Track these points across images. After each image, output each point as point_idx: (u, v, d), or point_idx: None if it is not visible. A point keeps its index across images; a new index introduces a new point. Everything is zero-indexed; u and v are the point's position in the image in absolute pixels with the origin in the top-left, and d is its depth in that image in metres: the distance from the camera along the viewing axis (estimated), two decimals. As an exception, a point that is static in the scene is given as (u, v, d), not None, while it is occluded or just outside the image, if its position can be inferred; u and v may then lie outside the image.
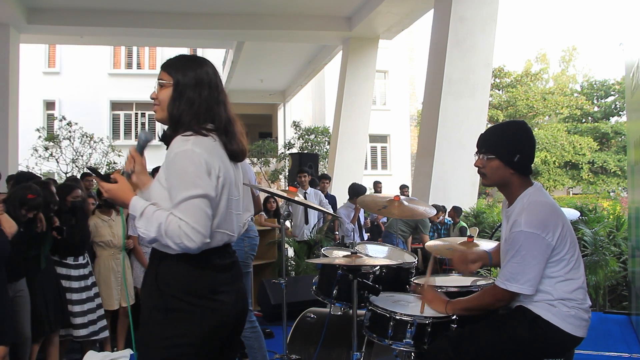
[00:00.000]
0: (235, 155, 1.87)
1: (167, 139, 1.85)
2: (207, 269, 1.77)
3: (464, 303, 2.30)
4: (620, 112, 24.03)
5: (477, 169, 2.30)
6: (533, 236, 2.04)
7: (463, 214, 7.80)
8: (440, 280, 3.02)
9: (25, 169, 12.82)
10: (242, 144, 1.89)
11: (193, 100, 1.80)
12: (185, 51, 20.13)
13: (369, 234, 8.56)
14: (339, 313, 3.30)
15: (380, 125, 18.97)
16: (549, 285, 2.10)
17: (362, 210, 7.21)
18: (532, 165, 2.27)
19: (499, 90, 23.03)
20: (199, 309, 1.73)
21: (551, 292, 2.10)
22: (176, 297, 1.73)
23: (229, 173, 1.83)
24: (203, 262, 1.76)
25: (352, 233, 7.15)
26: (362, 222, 7.68)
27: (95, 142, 14.27)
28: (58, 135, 14.29)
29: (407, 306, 2.62)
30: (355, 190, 6.93)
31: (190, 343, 1.72)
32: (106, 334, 4.21)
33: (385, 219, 8.62)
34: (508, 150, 2.16)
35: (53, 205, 3.73)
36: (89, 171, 2.66)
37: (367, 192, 7.59)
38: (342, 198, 10.67)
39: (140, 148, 1.93)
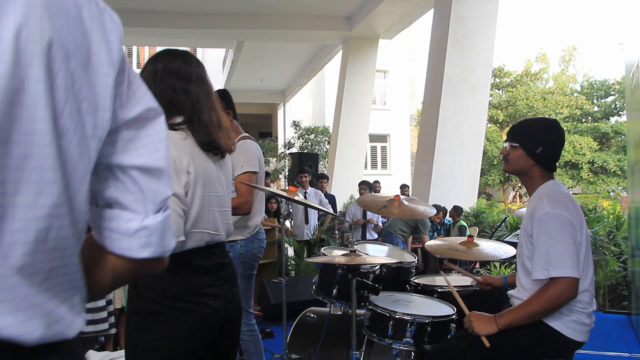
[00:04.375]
0: (206, 147, 1.75)
1: None
2: (184, 270, 1.72)
3: (511, 316, 2.09)
4: (620, 112, 24.02)
5: (502, 155, 2.33)
6: (560, 217, 2.02)
7: (463, 213, 7.80)
8: (440, 280, 3.02)
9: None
10: (213, 134, 1.76)
11: None
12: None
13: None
14: (339, 312, 3.30)
15: (380, 125, 18.98)
16: None
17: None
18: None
19: (499, 90, 23.04)
20: (177, 312, 1.69)
21: None
22: (153, 300, 1.70)
23: (203, 168, 1.74)
24: (181, 264, 1.71)
25: (351, 232, 7.17)
26: (381, 225, 7.67)
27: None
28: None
29: (407, 305, 2.62)
30: (458, 211, 7.62)
31: (168, 347, 1.68)
32: (110, 330, 4.20)
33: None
34: (532, 141, 2.20)
35: None
36: None
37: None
38: (342, 198, 10.71)
39: None
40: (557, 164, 2.27)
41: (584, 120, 24.56)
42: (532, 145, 2.19)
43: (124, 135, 0.75)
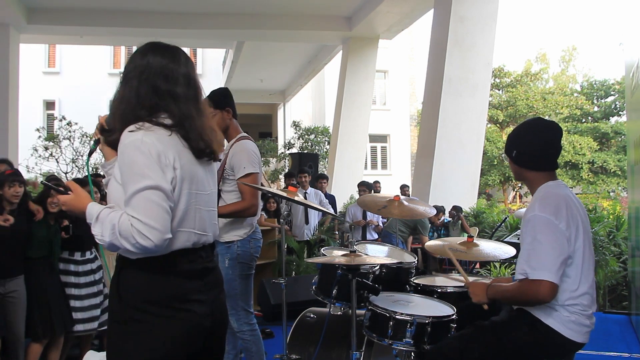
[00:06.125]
0: (200, 153, 1.67)
1: (111, 143, 1.73)
2: (171, 275, 1.60)
3: (498, 292, 2.19)
4: (620, 112, 23.99)
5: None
6: (547, 221, 2.03)
7: (463, 213, 7.80)
8: (440, 281, 3.02)
9: (25, 169, 12.83)
10: (207, 140, 1.69)
11: (123, 96, 1.65)
12: (185, 51, 20.20)
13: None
14: (339, 313, 3.30)
15: (380, 125, 18.97)
16: None
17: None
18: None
19: (499, 90, 23.01)
20: (161, 319, 1.57)
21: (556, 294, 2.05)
22: (136, 308, 1.57)
23: (189, 165, 1.64)
24: (167, 268, 1.59)
25: (351, 232, 7.16)
26: (381, 225, 7.66)
27: (95, 142, 14.28)
28: (58, 135, 14.27)
29: (407, 306, 2.62)
30: (457, 210, 7.67)
31: (152, 358, 1.57)
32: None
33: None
34: (509, 147, 2.26)
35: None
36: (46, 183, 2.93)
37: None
38: (342, 197, 10.71)
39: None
40: (547, 161, 2.19)
41: (584, 120, 24.54)
42: (510, 151, 2.25)
43: None
